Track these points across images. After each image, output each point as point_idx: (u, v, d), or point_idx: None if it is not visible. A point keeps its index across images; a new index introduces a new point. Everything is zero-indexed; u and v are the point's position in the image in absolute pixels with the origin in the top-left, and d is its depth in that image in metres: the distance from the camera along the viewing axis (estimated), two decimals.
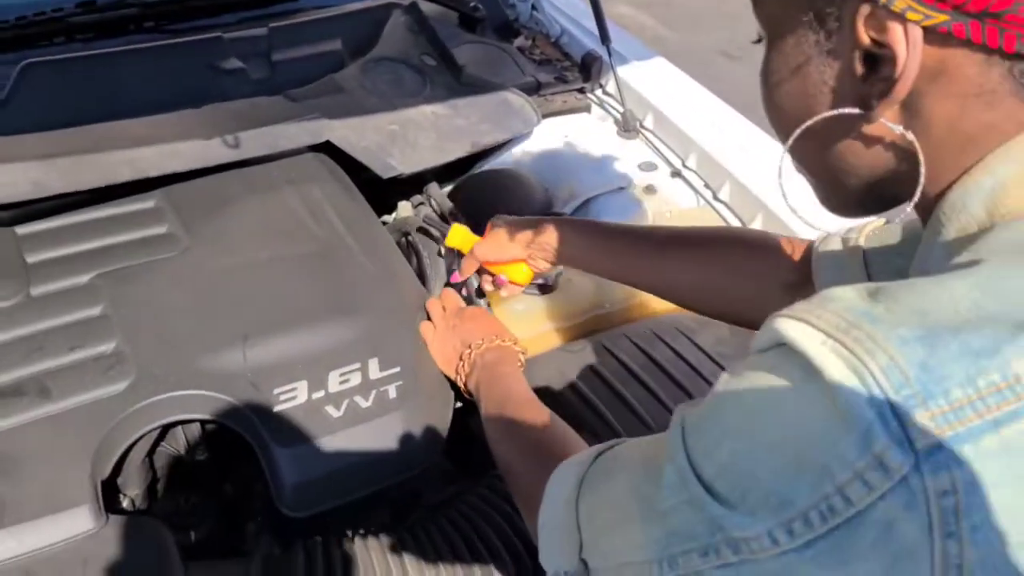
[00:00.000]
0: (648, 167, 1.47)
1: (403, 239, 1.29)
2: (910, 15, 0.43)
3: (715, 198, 1.42)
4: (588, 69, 1.61)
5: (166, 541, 0.82)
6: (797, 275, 0.86)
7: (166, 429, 0.95)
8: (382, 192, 1.35)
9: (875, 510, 0.38)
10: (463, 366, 0.98)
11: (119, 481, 0.92)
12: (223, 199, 1.14)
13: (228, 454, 0.99)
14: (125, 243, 1.05)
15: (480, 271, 1.12)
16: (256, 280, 1.03)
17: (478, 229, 1.14)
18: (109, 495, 0.87)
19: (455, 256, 1.17)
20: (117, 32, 1.34)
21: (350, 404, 0.92)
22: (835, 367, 0.39)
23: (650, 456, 0.52)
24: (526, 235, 1.03)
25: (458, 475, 1.07)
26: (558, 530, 0.60)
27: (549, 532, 0.62)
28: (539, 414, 0.85)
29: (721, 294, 0.93)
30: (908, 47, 0.44)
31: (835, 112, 0.50)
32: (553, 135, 1.51)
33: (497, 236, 1.06)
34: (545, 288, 1.20)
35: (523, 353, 1.00)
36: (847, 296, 0.41)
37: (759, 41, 0.56)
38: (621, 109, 1.56)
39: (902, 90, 0.46)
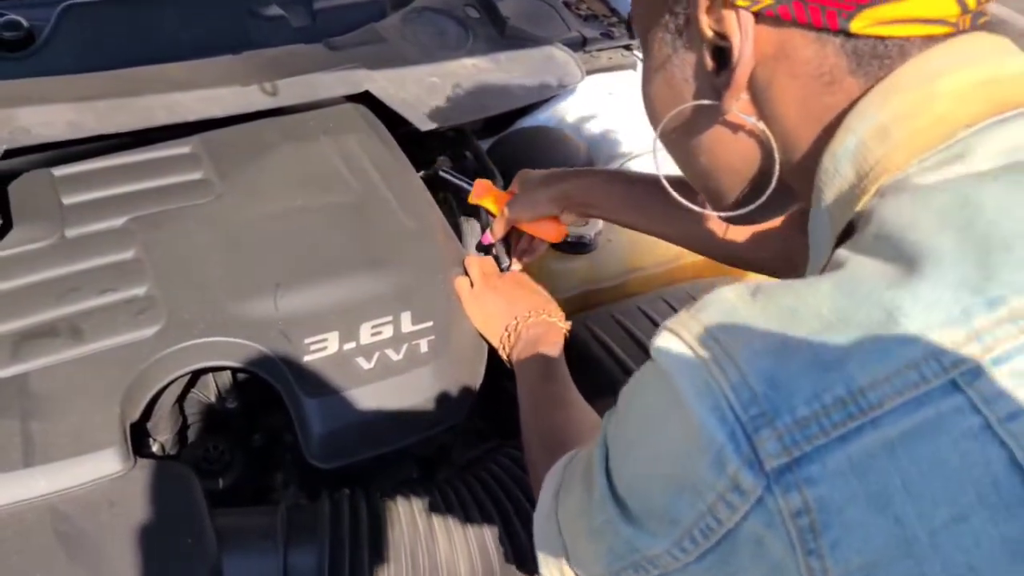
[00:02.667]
0: None
1: (440, 194, 1.26)
2: (739, 1, 0.45)
3: None
4: None
5: (193, 486, 0.81)
6: None
7: (197, 375, 0.94)
8: (420, 146, 1.32)
9: (742, 529, 0.39)
10: (508, 337, 0.96)
11: (149, 426, 0.91)
12: (259, 147, 1.12)
13: (258, 403, 0.99)
14: (160, 188, 1.04)
15: (511, 231, 1.08)
16: (289, 229, 1.01)
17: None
18: (139, 439, 0.87)
19: (484, 212, 1.13)
20: None
21: (381, 357, 0.91)
22: (691, 387, 0.39)
23: (588, 468, 0.52)
24: (556, 189, 1.00)
25: (489, 434, 1.06)
26: (545, 539, 0.61)
27: (539, 541, 0.62)
28: (566, 401, 0.84)
29: (749, 243, 0.90)
30: (741, 32, 0.46)
31: (689, 105, 0.52)
32: (597, 92, 1.47)
33: (527, 193, 1.02)
34: (584, 248, 1.17)
35: (567, 330, 0.98)
36: (727, 298, 0.42)
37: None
38: None
39: (742, 76, 0.47)
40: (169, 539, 0.77)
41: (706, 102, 0.51)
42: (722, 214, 0.57)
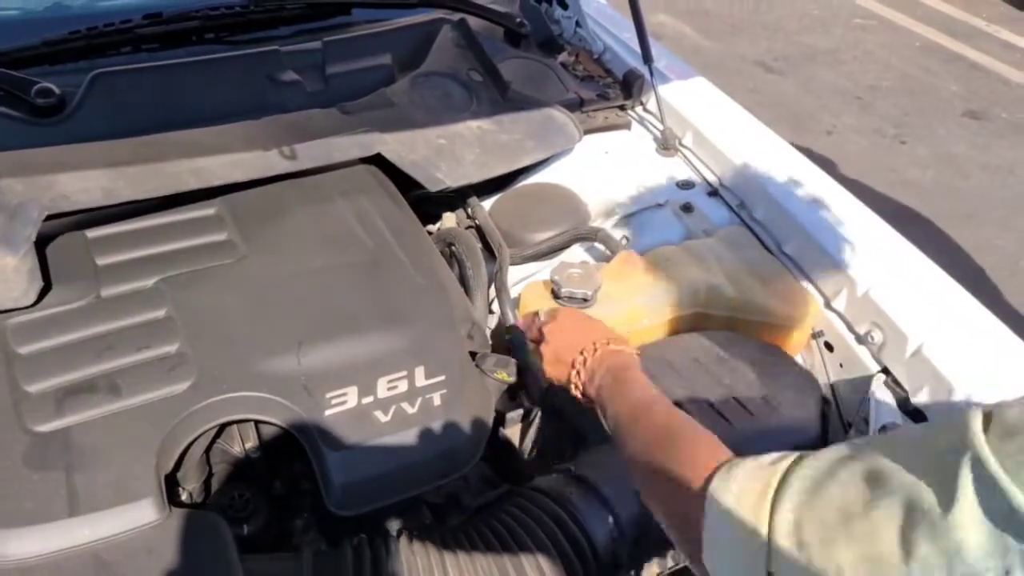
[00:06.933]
0: (686, 185, 1.51)
1: (447, 248, 1.34)
2: None
3: (751, 218, 1.45)
4: (629, 86, 1.65)
5: (224, 534, 0.87)
6: None
7: (223, 427, 1.00)
8: (424, 203, 1.40)
9: None
10: (577, 374, 0.93)
11: (178, 475, 0.97)
12: (279, 208, 1.20)
13: (279, 451, 1.05)
14: (187, 249, 1.11)
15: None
16: (309, 288, 1.08)
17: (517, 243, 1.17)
18: (169, 488, 0.93)
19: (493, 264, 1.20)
20: (180, 43, 1.40)
21: (397, 410, 0.98)
22: None
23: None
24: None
25: (495, 479, 1.12)
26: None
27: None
28: (680, 425, 0.78)
29: None
30: None
31: None
32: (593, 151, 1.55)
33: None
34: (583, 304, 1.23)
35: (637, 352, 0.95)
36: None
37: None
38: (661, 127, 1.59)
39: None
40: None
41: None
42: None
